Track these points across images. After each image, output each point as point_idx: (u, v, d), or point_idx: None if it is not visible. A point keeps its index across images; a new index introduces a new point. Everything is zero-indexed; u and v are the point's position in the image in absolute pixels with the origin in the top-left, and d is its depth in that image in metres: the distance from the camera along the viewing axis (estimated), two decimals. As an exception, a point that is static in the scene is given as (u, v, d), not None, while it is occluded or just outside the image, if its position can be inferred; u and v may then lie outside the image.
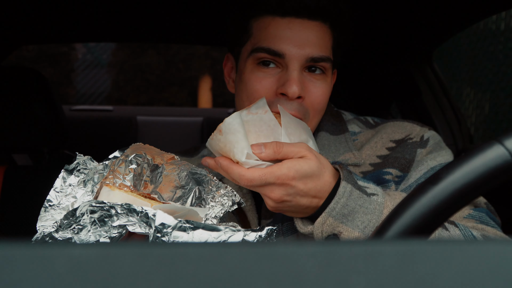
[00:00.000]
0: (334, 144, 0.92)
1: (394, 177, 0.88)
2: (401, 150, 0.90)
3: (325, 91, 0.87)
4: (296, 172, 0.69)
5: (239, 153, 0.70)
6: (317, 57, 0.83)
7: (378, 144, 0.92)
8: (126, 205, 0.56)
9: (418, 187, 0.39)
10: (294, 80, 0.81)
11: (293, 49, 0.82)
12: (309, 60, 0.83)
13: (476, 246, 0.28)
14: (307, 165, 0.70)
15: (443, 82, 1.87)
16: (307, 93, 0.84)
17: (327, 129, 0.94)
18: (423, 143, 0.90)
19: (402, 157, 0.89)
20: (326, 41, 0.86)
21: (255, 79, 0.85)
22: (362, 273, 0.26)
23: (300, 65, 0.82)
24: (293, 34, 0.83)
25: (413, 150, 0.89)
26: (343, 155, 0.90)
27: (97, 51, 7.01)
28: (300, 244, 0.28)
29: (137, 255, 0.26)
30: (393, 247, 0.27)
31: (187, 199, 0.74)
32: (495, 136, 0.37)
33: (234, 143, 0.70)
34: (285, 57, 0.82)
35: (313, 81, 0.84)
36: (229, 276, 0.25)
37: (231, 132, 0.70)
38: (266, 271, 0.25)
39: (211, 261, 0.26)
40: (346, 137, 0.94)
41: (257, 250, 0.27)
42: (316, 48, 0.83)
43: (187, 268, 0.25)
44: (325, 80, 0.86)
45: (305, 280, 0.25)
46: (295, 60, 0.82)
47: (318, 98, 0.85)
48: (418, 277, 0.26)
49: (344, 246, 0.27)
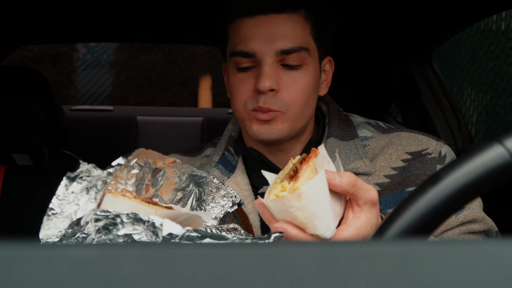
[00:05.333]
0: (344, 150, 0.90)
1: None
2: (421, 166, 0.88)
3: (304, 81, 0.87)
4: (359, 230, 0.58)
5: (323, 229, 0.55)
6: (287, 49, 0.84)
7: (393, 156, 0.90)
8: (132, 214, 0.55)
9: (418, 187, 0.39)
10: (265, 75, 0.84)
11: (262, 45, 0.84)
12: (280, 53, 0.85)
13: (476, 246, 0.28)
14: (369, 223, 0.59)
15: (443, 82, 1.87)
16: (283, 86, 0.85)
17: (336, 135, 0.92)
18: (441, 159, 0.89)
19: (423, 173, 0.87)
20: (299, 31, 0.86)
21: (237, 81, 0.88)
22: (362, 273, 0.26)
23: (271, 60, 0.85)
24: (261, 31, 0.85)
25: (433, 167, 0.88)
26: (353, 163, 0.88)
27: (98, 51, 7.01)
28: (300, 244, 0.28)
29: (137, 255, 0.26)
30: (393, 247, 0.27)
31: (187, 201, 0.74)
32: (495, 136, 0.37)
33: (318, 215, 0.54)
34: (256, 55, 0.85)
35: (289, 73, 0.86)
36: (229, 276, 0.25)
37: (315, 201, 0.53)
38: (266, 271, 0.25)
39: (211, 261, 0.26)
40: (356, 143, 0.92)
41: (257, 250, 0.27)
42: (286, 41, 0.85)
43: (187, 268, 0.25)
44: (304, 70, 0.87)
45: (305, 280, 0.25)
46: (266, 55, 0.85)
47: (295, 89, 0.86)
48: (418, 277, 0.26)
49: (344, 246, 0.27)
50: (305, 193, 0.52)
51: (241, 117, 0.91)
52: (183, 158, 1.06)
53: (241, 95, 0.88)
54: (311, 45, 0.88)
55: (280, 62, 0.86)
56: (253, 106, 0.86)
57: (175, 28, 1.79)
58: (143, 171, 0.70)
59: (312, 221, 0.54)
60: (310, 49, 0.87)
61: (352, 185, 0.57)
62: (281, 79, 0.85)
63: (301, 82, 0.86)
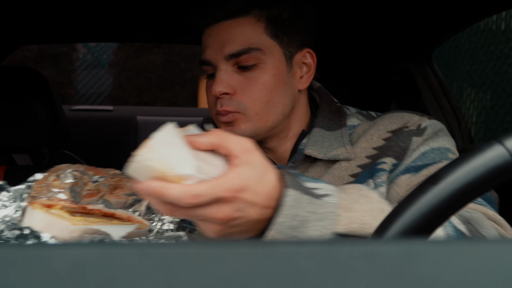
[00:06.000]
0: (329, 140, 0.91)
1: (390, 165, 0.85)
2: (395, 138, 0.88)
3: (261, 80, 0.88)
4: (246, 179, 0.57)
5: (184, 165, 0.53)
6: (235, 52, 0.87)
7: (374, 136, 0.90)
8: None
9: (418, 187, 0.39)
10: (216, 80, 0.88)
11: (213, 53, 0.89)
12: (229, 58, 0.88)
13: (476, 246, 0.28)
14: (254, 169, 0.58)
15: (443, 82, 1.87)
16: (239, 88, 0.88)
17: (322, 125, 0.93)
18: (419, 131, 0.87)
19: (396, 145, 0.87)
20: (248, 33, 0.88)
21: (206, 89, 0.94)
22: (362, 273, 0.26)
23: (223, 65, 0.88)
24: (213, 39, 0.90)
25: (408, 138, 0.87)
26: (335, 150, 0.89)
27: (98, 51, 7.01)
28: (300, 244, 0.28)
29: (137, 255, 0.26)
30: (393, 247, 0.27)
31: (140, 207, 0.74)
32: (495, 136, 0.37)
33: (173, 156, 0.53)
34: (211, 62, 0.90)
35: (244, 75, 0.88)
36: (229, 276, 0.25)
37: (168, 144, 0.53)
38: (266, 271, 0.25)
39: (211, 261, 0.26)
40: (343, 132, 0.92)
41: (257, 250, 0.27)
42: (234, 45, 0.87)
43: (187, 268, 0.25)
44: (261, 69, 0.88)
45: (305, 280, 0.25)
46: (218, 62, 0.89)
47: (251, 89, 0.88)
48: (418, 277, 0.26)
49: (344, 246, 0.27)
50: (155, 142, 0.52)
51: (215, 122, 0.95)
52: None
53: (209, 101, 0.93)
54: (266, 44, 0.89)
55: (235, 66, 0.89)
56: (215, 111, 0.91)
57: (175, 28, 1.79)
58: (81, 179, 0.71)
59: (169, 164, 0.52)
60: (264, 48, 0.89)
61: (218, 137, 0.57)
62: (237, 82, 0.88)
63: (258, 81, 0.88)
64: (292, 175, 0.61)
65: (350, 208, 0.61)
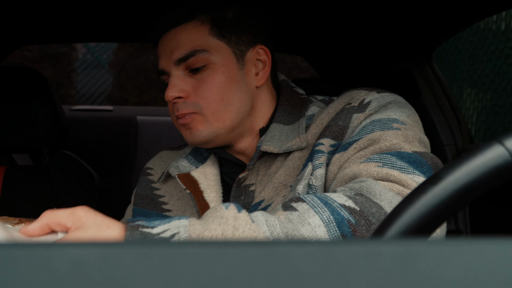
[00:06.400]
0: (286, 133, 0.90)
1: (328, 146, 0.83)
2: (335, 118, 0.86)
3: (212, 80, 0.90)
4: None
5: None
6: (182, 56, 0.90)
7: (324, 120, 0.88)
8: None
9: (418, 187, 0.39)
10: (168, 86, 0.91)
11: (164, 61, 0.92)
12: (178, 63, 0.90)
13: (476, 246, 0.28)
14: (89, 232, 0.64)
15: (443, 82, 1.87)
16: (192, 90, 0.90)
17: (280, 120, 0.92)
18: (361, 107, 0.84)
19: (334, 124, 0.85)
20: (193, 37, 0.91)
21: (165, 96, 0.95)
22: (362, 273, 0.26)
23: (174, 70, 0.91)
24: (163, 48, 0.93)
25: (348, 116, 0.84)
26: (290, 142, 0.88)
27: (98, 51, 7.01)
28: (300, 244, 0.28)
29: (137, 255, 0.26)
30: (393, 247, 0.27)
31: None
32: (495, 136, 0.37)
33: None
34: (165, 71, 0.93)
35: (195, 77, 0.90)
36: (229, 276, 0.25)
37: None
38: (266, 271, 0.25)
39: (211, 261, 0.26)
40: (300, 122, 0.91)
41: (257, 250, 0.27)
42: (180, 50, 0.90)
43: (187, 268, 0.25)
44: (210, 69, 0.90)
45: (305, 280, 0.25)
46: (169, 68, 0.92)
47: (203, 89, 0.89)
48: (418, 277, 0.26)
49: (344, 246, 0.27)
50: None
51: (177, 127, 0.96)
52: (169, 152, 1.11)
53: (169, 109, 0.95)
54: (212, 45, 0.90)
55: (186, 70, 0.91)
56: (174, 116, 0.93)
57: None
58: None
59: None
60: (211, 48, 0.90)
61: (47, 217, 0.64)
62: (189, 85, 0.90)
63: (208, 81, 0.89)
64: (134, 228, 0.64)
65: (201, 239, 0.63)
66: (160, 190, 1.02)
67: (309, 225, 0.66)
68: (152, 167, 1.08)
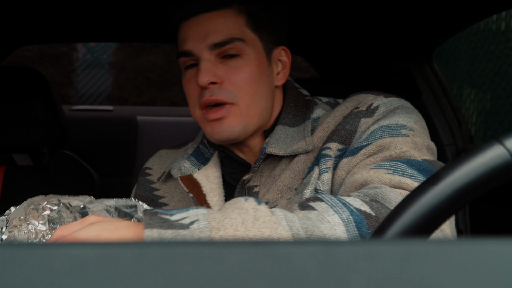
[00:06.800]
0: (292, 136, 0.90)
1: (335, 151, 0.83)
2: (343, 122, 0.86)
3: (246, 69, 0.88)
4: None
5: None
6: (219, 42, 0.88)
7: (330, 123, 0.88)
8: None
9: (418, 187, 0.39)
10: (202, 70, 0.87)
11: (196, 43, 0.89)
12: (213, 47, 0.88)
13: (476, 246, 0.28)
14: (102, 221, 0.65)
15: (443, 82, 1.87)
16: (225, 76, 0.88)
17: (285, 122, 0.92)
18: (369, 111, 0.84)
19: (342, 128, 0.85)
20: (231, 24, 0.89)
21: (186, 82, 0.92)
22: (362, 273, 0.26)
23: (207, 55, 0.88)
24: (194, 31, 0.90)
25: (356, 120, 0.84)
26: (296, 145, 0.88)
27: (98, 51, 7.00)
28: (300, 244, 0.28)
29: (137, 255, 0.26)
30: (393, 247, 0.27)
31: None
32: (495, 136, 0.37)
33: None
34: (193, 53, 0.89)
35: (228, 64, 0.88)
36: (229, 276, 0.25)
37: None
38: (266, 271, 0.25)
39: (211, 261, 0.26)
40: (306, 125, 0.91)
41: (257, 250, 0.27)
42: (217, 35, 0.88)
43: (187, 268, 0.25)
44: (244, 59, 0.89)
45: (305, 280, 0.25)
46: (201, 52, 0.88)
47: (237, 78, 0.88)
48: (418, 277, 0.26)
49: (344, 246, 0.27)
50: None
51: (197, 119, 0.93)
52: (168, 151, 1.09)
53: (191, 95, 0.91)
54: (248, 36, 0.90)
55: (218, 56, 0.89)
56: (200, 104, 0.89)
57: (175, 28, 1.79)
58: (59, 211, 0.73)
59: None
60: (247, 39, 0.90)
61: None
62: (222, 71, 0.88)
63: (243, 70, 0.88)
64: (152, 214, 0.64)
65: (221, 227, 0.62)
66: (160, 191, 1.01)
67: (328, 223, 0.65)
68: (151, 166, 1.07)
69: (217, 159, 0.97)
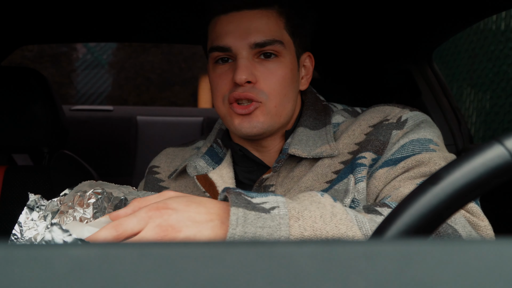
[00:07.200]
0: (313, 138, 0.91)
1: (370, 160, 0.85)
2: (375, 132, 0.88)
3: (281, 72, 0.89)
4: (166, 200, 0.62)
5: None
6: (261, 42, 0.87)
7: (356, 131, 0.90)
8: None
9: (418, 187, 0.39)
10: (240, 68, 0.86)
11: (236, 40, 0.88)
12: (254, 46, 0.88)
13: (476, 246, 0.28)
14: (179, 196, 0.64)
15: (443, 82, 1.87)
16: (260, 77, 0.88)
17: (306, 125, 0.94)
18: (400, 124, 0.87)
19: (376, 139, 0.87)
20: (272, 25, 0.89)
21: (216, 76, 0.91)
22: (362, 273, 0.26)
23: (246, 53, 0.88)
24: (235, 26, 0.89)
25: (388, 132, 0.87)
26: (319, 148, 0.89)
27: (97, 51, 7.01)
28: (300, 244, 0.28)
29: (137, 255, 0.26)
30: (393, 247, 0.27)
31: None
32: (495, 136, 0.37)
33: None
34: (232, 49, 0.88)
35: (265, 65, 0.89)
36: (229, 276, 0.25)
37: None
38: (266, 271, 0.25)
39: (211, 261, 0.26)
40: (327, 130, 0.93)
41: (257, 250, 0.27)
42: (260, 34, 0.88)
43: (187, 268, 0.25)
44: (280, 62, 0.89)
45: (305, 280, 0.25)
46: (240, 49, 0.88)
47: (272, 79, 0.88)
48: (418, 277, 0.26)
49: (344, 246, 0.27)
50: None
51: (222, 113, 0.92)
52: (175, 149, 1.09)
53: (220, 89, 0.91)
54: (286, 39, 0.90)
55: (256, 55, 0.89)
56: (230, 99, 0.89)
57: (175, 28, 1.79)
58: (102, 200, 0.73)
59: None
60: (285, 42, 0.90)
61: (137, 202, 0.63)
62: (258, 71, 0.88)
63: (278, 73, 0.89)
64: (237, 194, 0.63)
65: (301, 217, 0.62)
66: (169, 189, 1.01)
67: None
68: (159, 165, 1.06)
69: (230, 158, 0.98)
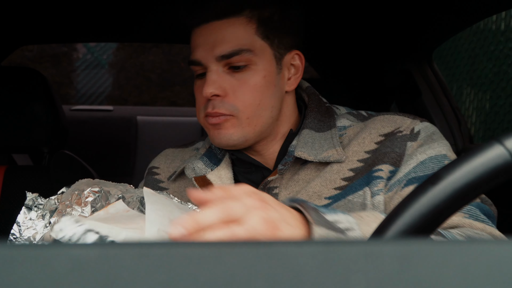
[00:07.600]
0: (319, 141, 0.90)
1: (387, 173, 0.84)
2: (390, 144, 0.87)
3: (252, 82, 0.87)
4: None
5: None
6: (227, 53, 0.86)
7: (366, 139, 0.89)
8: None
9: (418, 187, 0.39)
10: (207, 82, 0.86)
11: (204, 53, 0.87)
12: (221, 59, 0.86)
13: (476, 246, 0.28)
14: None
15: (443, 82, 1.87)
16: (230, 90, 0.87)
17: (311, 127, 0.92)
18: (413, 136, 0.87)
19: (392, 151, 0.86)
20: (240, 34, 0.87)
21: (195, 88, 0.92)
22: (362, 273, 0.26)
23: (215, 66, 0.87)
24: (204, 39, 0.88)
25: (403, 144, 0.86)
26: (326, 152, 0.88)
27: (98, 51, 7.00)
28: (300, 244, 0.28)
29: (137, 255, 0.26)
30: (393, 247, 0.27)
31: None
32: (495, 136, 0.37)
33: None
34: (202, 63, 0.88)
35: (235, 76, 0.87)
36: (229, 276, 0.25)
37: None
38: (266, 271, 0.25)
39: (211, 261, 0.26)
40: (332, 133, 0.91)
41: (257, 250, 0.27)
42: (225, 46, 0.86)
43: (187, 268, 0.25)
44: (251, 70, 0.88)
45: (305, 280, 0.25)
46: (209, 62, 0.87)
47: (243, 91, 0.87)
48: (418, 277, 0.26)
49: (344, 246, 0.27)
50: None
51: (202, 124, 0.93)
52: (175, 150, 1.08)
53: (198, 102, 0.91)
54: (257, 45, 0.88)
55: (225, 67, 0.87)
56: (205, 113, 0.89)
57: (175, 28, 1.79)
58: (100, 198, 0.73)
59: None
60: (256, 49, 0.88)
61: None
62: (228, 83, 0.87)
63: (249, 83, 0.87)
64: (313, 209, 0.59)
65: None
66: (168, 190, 1.00)
67: None
68: (158, 166, 1.06)
69: (229, 159, 0.97)
